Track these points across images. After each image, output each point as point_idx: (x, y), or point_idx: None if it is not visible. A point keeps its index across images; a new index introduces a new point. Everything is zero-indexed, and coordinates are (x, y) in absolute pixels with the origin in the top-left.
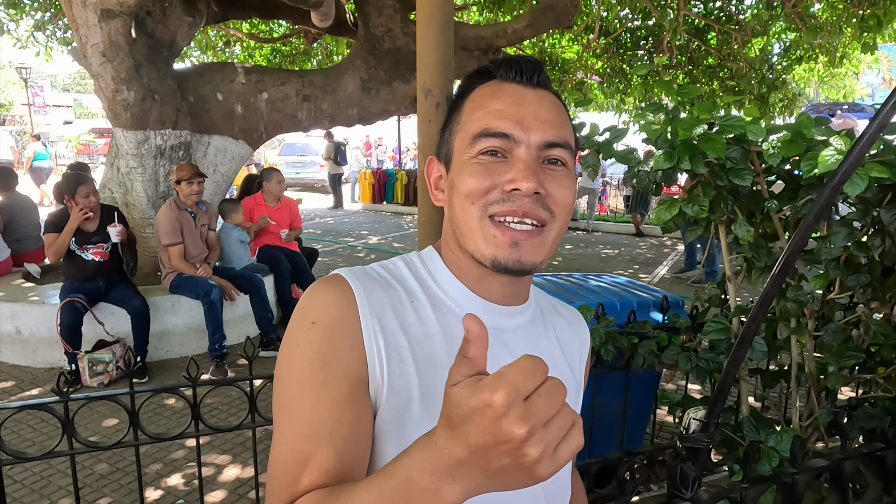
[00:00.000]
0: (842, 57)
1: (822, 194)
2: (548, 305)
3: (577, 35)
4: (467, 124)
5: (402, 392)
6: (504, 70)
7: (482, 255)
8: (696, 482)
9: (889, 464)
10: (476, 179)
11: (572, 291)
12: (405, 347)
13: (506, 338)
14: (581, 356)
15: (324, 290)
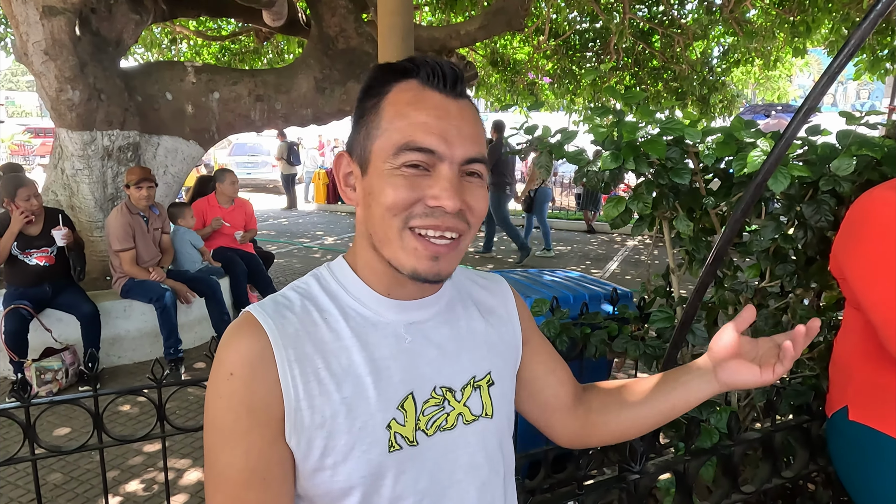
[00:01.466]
0: (775, 60)
1: (748, 192)
2: (465, 283)
3: (528, 37)
4: (389, 132)
5: (325, 408)
6: (426, 74)
7: (401, 265)
8: (644, 456)
9: (813, 434)
10: (399, 192)
11: (528, 286)
12: (322, 368)
13: (424, 328)
14: (510, 315)
15: (237, 339)
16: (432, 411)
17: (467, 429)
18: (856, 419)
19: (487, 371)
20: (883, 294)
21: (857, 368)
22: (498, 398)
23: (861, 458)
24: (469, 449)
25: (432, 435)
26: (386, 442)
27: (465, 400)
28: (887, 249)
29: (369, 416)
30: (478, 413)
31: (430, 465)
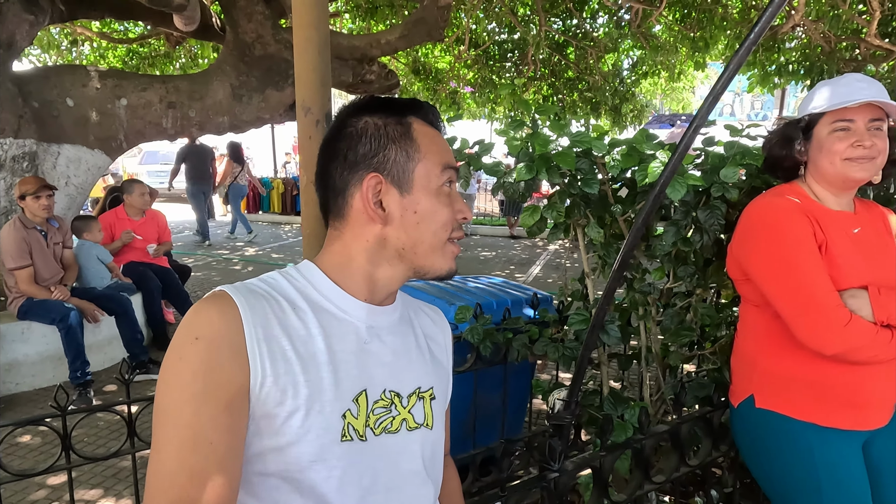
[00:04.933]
0: (679, 73)
1: (648, 202)
2: (413, 306)
3: (449, 46)
4: (429, 155)
5: (289, 389)
6: (432, 117)
7: (439, 269)
8: (563, 455)
9: (715, 423)
10: (449, 210)
11: (453, 294)
12: (289, 349)
13: (382, 333)
14: (447, 347)
15: (207, 307)
16: (381, 412)
17: (410, 435)
18: (762, 406)
19: (431, 385)
20: (783, 288)
21: (760, 360)
22: (437, 413)
23: (767, 441)
24: (410, 455)
25: (378, 435)
26: (339, 430)
27: (410, 407)
28: (780, 249)
29: (327, 401)
30: (420, 422)
31: (375, 464)
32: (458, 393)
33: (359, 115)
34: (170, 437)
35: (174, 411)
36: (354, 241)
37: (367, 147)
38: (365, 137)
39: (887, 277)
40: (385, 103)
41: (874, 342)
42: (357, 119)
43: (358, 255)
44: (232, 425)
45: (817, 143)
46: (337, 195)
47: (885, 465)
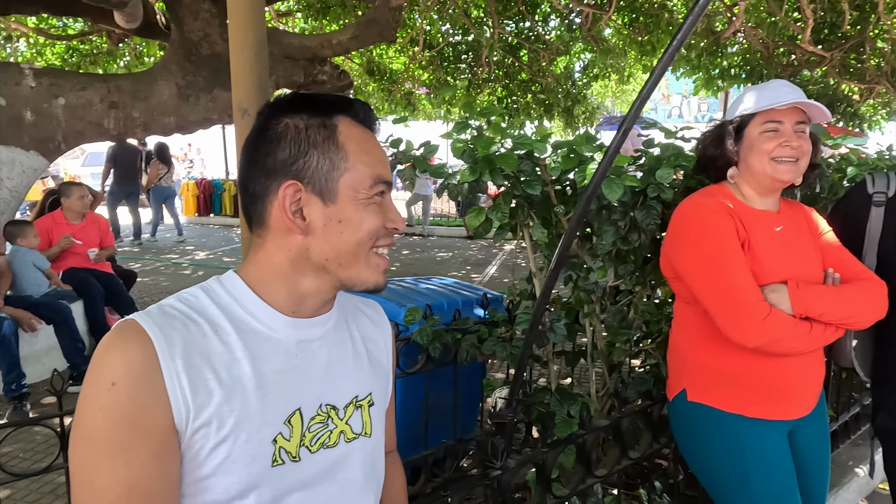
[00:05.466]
0: (629, 76)
1: (580, 204)
2: (350, 307)
3: (404, 47)
4: (357, 166)
5: (213, 421)
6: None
7: (364, 281)
8: (505, 452)
9: (654, 416)
10: (376, 219)
11: (404, 295)
12: (211, 378)
13: (314, 346)
14: (387, 347)
15: (119, 345)
16: (317, 428)
17: (348, 447)
18: (693, 399)
19: (369, 392)
20: (708, 284)
21: (691, 355)
22: (376, 419)
23: (699, 433)
24: (349, 466)
25: (315, 452)
26: (270, 456)
27: (347, 418)
28: (705, 247)
29: (256, 429)
30: (358, 432)
31: (311, 482)
32: (410, 394)
33: (280, 116)
34: (99, 497)
35: (103, 469)
36: (277, 251)
37: (287, 152)
38: (284, 142)
39: (807, 272)
40: (310, 101)
41: (793, 334)
42: (277, 121)
43: (281, 266)
44: (165, 470)
45: (748, 143)
46: (256, 202)
47: (810, 451)
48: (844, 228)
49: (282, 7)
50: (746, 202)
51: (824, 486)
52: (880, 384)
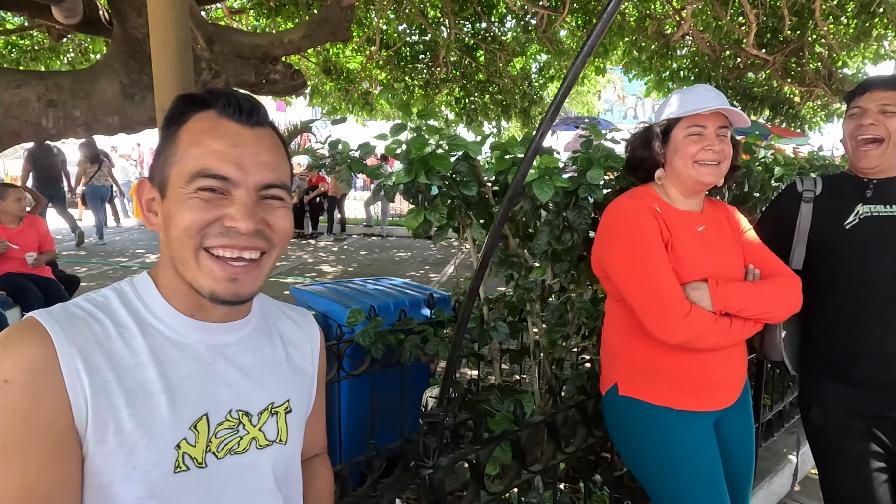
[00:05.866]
0: (583, 77)
1: (503, 205)
2: (274, 312)
3: (360, 46)
4: (184, 159)
5: (109, 425)
6: (223, 105)
7: (199, 286)
8: (437, 451)
9: (589, 410)
10: (195, 214)
11: (350, 297)
12: (112, 382)
13: (227, 352)
14: (313, 353)
15: (14, 342)
16: (226, 434)
17: (260, 454)
18: (625, 394)
19: (287, 399)
20: (633, 283)
21: (622, 351)
22: (293, 425)
23: (630, 426)
24: (260, 473)
25: (222, 458)
26: (172, 462)
27: (261, 425)
28: (630, 247)
29: (158, 434)
30: (272, 438)
31: (217, 488)
32: (356, 395)
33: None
34: None
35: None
36: (164, 250)
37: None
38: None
39: (727, 270)
40: (188, 98)
41: (713, 330)
42: None
43: (171, 266)
44: (65, 473)
45: (674, 145)
46: None
47: (734, 440)
48: (777, 224)
49: (235, 4)
50: (671, 203)
51: (749, 472)
52: (808, 377)
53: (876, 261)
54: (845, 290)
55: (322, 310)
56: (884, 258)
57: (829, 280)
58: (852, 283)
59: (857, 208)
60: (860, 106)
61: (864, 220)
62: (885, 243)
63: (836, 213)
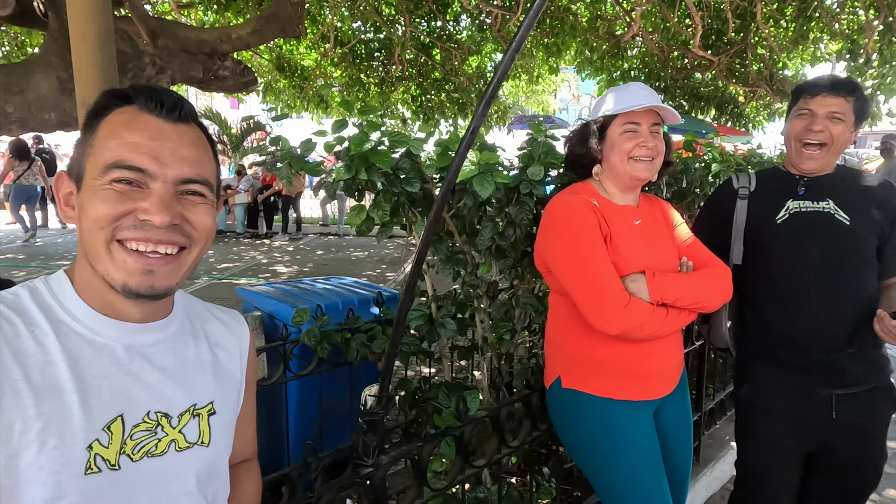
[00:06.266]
0: (538, 76)
1: (437, 201)
2: (201, 314)
3: (314, 43)
4: (100, 150)
5: (15, 424)
6: (145, 100)
7: (112, 279)
8: (377, 450)
9: (534, 404)
10: (108, 206)
11: (298, 297)
12: (19, 379)
13: (147, 352)
14: (242, 355)
15: None
16: (142, 436)
17: (179, 456)
18: (567, 386)
19: (210, 401)
20: (573, 276)
21: (564, 344)
22: (217, 428)
23: (573, 418)
24: (179, 477)
25: (139, 460)
26: (83, 464)
27: (181, 427)
28: (571, 241)
29: (68, 434)
30: (193, 441)
31: (132, 491)
32: (305, 396)
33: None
34: None
35: None
36: (79, 245)
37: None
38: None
39: (663, 262)
40: (106, 96)
41: (651, 320)
42: None
43: (86, 263)
44: None
45: (610, 142)
46: None
47: (673, 427)
48: (715, 221)
49: None
50: (609, 198)
51: (688, 458)
52: (743, 358)
53: (804, 253)
54: (777, 280)
55: (268, 310)
56: (811, 251)
57: (763, 271)
58: (783, 275)
59: (787, 204)
60: (811, 109)
61: (793, 215)
62: (812, 237)
63: (768, 209)
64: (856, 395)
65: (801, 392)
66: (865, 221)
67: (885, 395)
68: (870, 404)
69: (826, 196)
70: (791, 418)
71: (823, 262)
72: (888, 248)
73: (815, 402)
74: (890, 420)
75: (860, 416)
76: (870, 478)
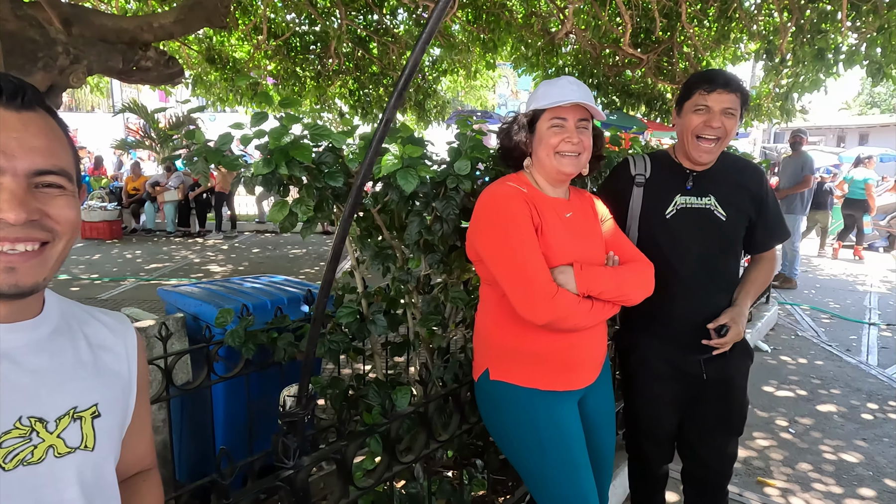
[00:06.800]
0: (475, 72)
1: (351, 195)
2: (80, 316)
3: (247, 35)
4: None
5: None
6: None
7: None
8: (297, 451)
9: (462, 398)
10: None
11: (224, 296)
12: None
13: (15, 355)
14: (129, 357)
15: None
16: (14, 443)
17: (59, 462)
18: (495, 378)
19: (94, 403)
20: (504, 265)
21: (492, 336)
22: (103, 431)
23: (501, 409)
24: (59, 484)
25: (12, 469)
26: None
27: (59, 431)
28: (502, 230)
29: None
30: (75, 445)
31: (8, 502)
32: (234, 399)
33: None
34: None
35: None
36: None
37: None
38: None
39: (591, 255)
40: None
41: (577, 311)
42: None
43: None
44: None
45: (539, 136)
46: None
47: (597, 414)
48: (613, 204)
49: None
50: (540, 190)
51: (611, 443)
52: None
53: (686, 246)
54: (663, 268)
55: (192, 311)
56: (692, 244)
57: (651, 259)
58: (668, 264)
59: (675, 199)
60: (707, 105)
61: (680, 211)
62: (694, 232)
63: (660, 202)
64: (719, 357)
65: (677, 360)
66: (738, 215)
67: (741, 352)
68: (730, 361)
69: (709, 192)
70: (670, 381)
71: (702, 253)
72: (758, 229)
73: (689, 368)
74: (748, 370)
75: (723, 373)
76: (737, 420)
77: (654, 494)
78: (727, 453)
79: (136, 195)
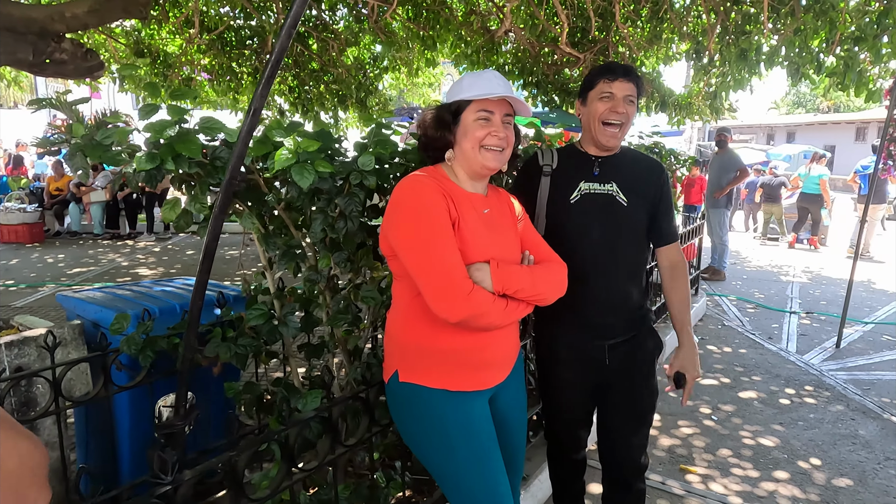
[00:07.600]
0: (417, 69)
1: (221, 191)
2: None
3: (179, 28)
4: None
5: None
6: None
7: None
8: (177, 465)
9: (371, 401)
10: None
11: (129, 301)
12: None
13: None
14: None
15: None
16: None
17: None
18: (405, 380)
19: None
20: (418, 259)
21: (403, 335)
22: None
23: (411, 411)
24: None
25: None
26: None
27: None
28: (418, 223)
29: None
30: None
31: None
32: (138, 409)
33: None
34: None
35: None
36: None
37: None
38: None
39: (507, 253)
40: None
41: (492, 310)
42: None
43: None
44: None
45: (463, 128)
46: None
47: (508, 412)
48: (523, 195)
49: None
50: (459, 184)
51: (522, 439)
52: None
53: (590, 231)
54: (570, 255)
55: (92, 317)
56: (595, 229)
57: (558, 245)
58: (574, 249)
59: (580, 185)
60: (612, 92)
61: (584, 196)
62: (597, 216)
63: (565, 188)
64: (622, 344)
65: (583, 346)
66: (639, 202)
67: (646, 339)
68: (632, 350)
69: (612, 179)
70: (578, 366)
71: (605, 238)
72: (659, 220)
73: (593, 352)
74: (655, 358)
75: (625, 361)
76: (642, 408)
77: (573, 480)
78: (635, 442)
79: (60, 196)
